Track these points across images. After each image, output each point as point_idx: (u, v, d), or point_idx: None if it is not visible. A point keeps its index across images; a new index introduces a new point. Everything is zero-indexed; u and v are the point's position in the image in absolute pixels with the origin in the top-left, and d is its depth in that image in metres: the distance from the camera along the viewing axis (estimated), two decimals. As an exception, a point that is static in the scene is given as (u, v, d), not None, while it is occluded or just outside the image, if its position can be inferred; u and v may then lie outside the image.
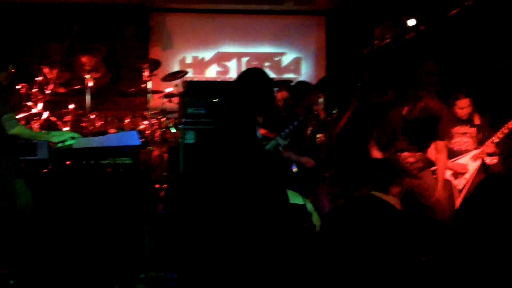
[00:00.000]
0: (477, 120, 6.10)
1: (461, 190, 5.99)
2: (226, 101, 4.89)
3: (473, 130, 6.07)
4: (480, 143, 6.03)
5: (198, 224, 4.04)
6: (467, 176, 5.98)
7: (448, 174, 5.97)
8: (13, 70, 5.55)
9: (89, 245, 5.17)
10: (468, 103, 5.97)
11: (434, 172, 5.75)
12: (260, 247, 3.75)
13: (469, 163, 6.00)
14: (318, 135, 6.39)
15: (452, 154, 6.01)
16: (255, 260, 3.72)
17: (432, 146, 5.73)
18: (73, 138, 5.46)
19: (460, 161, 6.03)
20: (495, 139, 5.92)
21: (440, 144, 5.70)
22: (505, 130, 5.90)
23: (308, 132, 6.27)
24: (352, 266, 3.80)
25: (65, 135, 5.50)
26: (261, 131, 4.93)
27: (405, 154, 5.60)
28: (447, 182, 5.93)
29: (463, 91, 6.04)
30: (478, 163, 6.00)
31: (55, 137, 5.49)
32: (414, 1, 8.18)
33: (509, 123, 5.89)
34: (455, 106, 5.98)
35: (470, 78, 7.52)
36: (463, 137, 6.07)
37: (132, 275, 5.75)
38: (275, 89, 6.45)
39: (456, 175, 6.01)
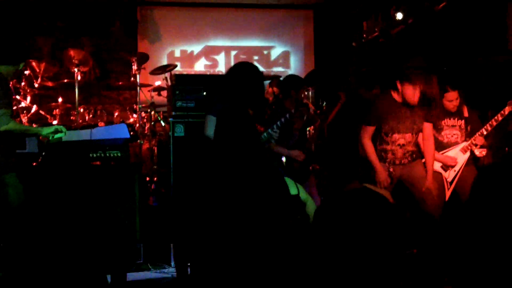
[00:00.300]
0: (465, 113, 6.13)
1: (451, 182, 6.03)
2: (219, 96, 4.92)
3: (461, 122, 6.10)
4: (469, 135, 6.07)
5: (200, 217, 4.06)
6: (456, 168, 6.03)
7: (438, 166, 6.01)
8: (23, 69, 5.57)
9: (81, 237, 5.17)
10: (456, 96, 5.99)
11: (425, 164, 5.81)
12: (262, 239, 3.79)
13: (459, 155, 6.04)
14: (308, 128, 6.42)
15: (442, 146, 6.05)
16: (256, 252, 3.75)
17: (420, 134, 5.78)
18: (60, 131, 5.46)
19: (450, 153, 6.07)
20: (484, 131, 5.97)
21: (427, 127, 5.74)
22: (493, 123, 5.95)
23: (298, 125, 6.30)
24: (346, 258, 3.84)
25: (53, 127, 5.52)
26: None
27: (396, 135, 5.65)
28: (437, 174, 5.97)
29: (451, 83, 6.06)
30: (467, 155, 6.04)
31: (43, 130, 5.51)
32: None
33: (497, 115, 5.94)
34: (443, 99, 6.01)
35: (458, 71, 7.58)
36: (452, 129, 6.10)
37: (124, 268, 5.77)
38: (266, 83, 6.51)
39: (446, 167, 6.05)
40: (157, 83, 8.66)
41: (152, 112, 8.32)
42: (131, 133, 7.72)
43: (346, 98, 6.73)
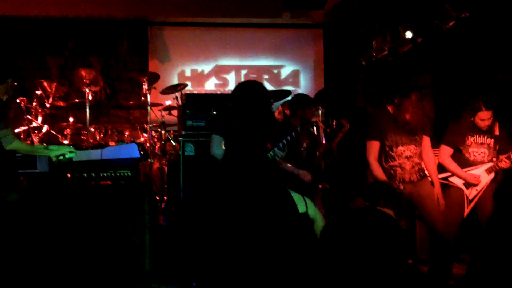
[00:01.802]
0: (497, 131, 6.02)
1: (471, 201, 5.96)
2: (224, 116, 4.95)
3: (491, 141, 6.00)
4: (497, 154, 5.98)
5: (209, 234, 4.08)
6: (478, 188, 5.94)
7: (460, 182, 5.96)
8: (15, 84, 5.58)
9: (90, 257, 5.19)
10: (490, 116, 5.88)
11: (433, 183, 5.80)
12: (271, 258, 3.79)
13: (483, 175, 5.94)
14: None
15: (467, 163, 5.97)
16: (263, 269, 3.76)
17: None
18: (70, 152, 5.47)
19: (474, 172, 6.00)
20: (511, 154, 5.88)
21: (426, 140, 5.74)
22: None
23: (305, 144, 6.31)
24: (352, 277, 3.83)
25: (62, 149, 5.51)
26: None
27: (400, 148, 5.65)
28: (458, 190, 5.94)
29: (486, 102, 5.92)
30: (491, 176, 5.95)
31: (52, 151, 5.51)
32: (410, 14, 8.24)
33: None
34: (476, 117, 5.92)
35: (493, 90, 7.53)
36: (480, 147, 5.98)
37: (134, 287, 5.77)
38: (279, 103, 6.54)
39: (468, 184, 5.97)
40: (168, 102, 8.70)
41: (163, 131, 8.36)
42: (141, 152, 7.76)
43: (350, 125, 6.73)
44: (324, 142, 6.52)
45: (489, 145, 6.00)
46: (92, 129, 8.44)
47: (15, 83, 5.62)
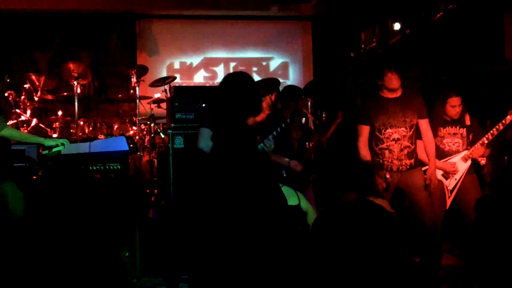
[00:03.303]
0: (467, 121, 6.10)
1: (451, 191, 6.02)
2: (211, 108, 4.95)
3: (463, 130, 6.07)
4: (470, 144, 6.06)
5: (199, 227, 4.08)
6: (457, 176, 6.01)
7: (439, 174, 6.02)
8: (8, 80, 5.56)
9: (79, 250, 5.18)
10: (460, 102, 5.96)
11: (425, 172, 5.83)
12: (260, 250, 3.80)
13: (460, 163, 6.03)
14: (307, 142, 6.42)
15: (443, 154, 6.04)
16: (255, 263, 3.76)
17: (419, 142, 5.82)
18: (63, 144, 5.47)
19: (451, 161, 6.07)
20: (485, 140, 5.97)
21: (423, 123, 5.78)
22: (494, 132, 5.92)
23: (296, 136, 6.31)
24: (344, 269, 3.84)
25: (57, 140, 5.51)
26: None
27: (389, 130, 5.70)
28: (438, 182, 5.99)
29: (454, 89, 6.04)
30: (468, 163, 6.02)
31: (47, 141, 5.51)
32: (398, 6, 8.26)
33: (499, 124, 5.90)
34: (447, 104, 5.99)
35: (461, 78, 7.60)
36: (453, 137, 6.08)
37: (124, 280, 5.77)
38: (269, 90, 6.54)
39: (447, 175, 6.04)
40: (157, 95, 8.69)
41: (152, 124, 8.34)
42: (131, 145, 7.72)
43: (343, 118, 6.75)
44: (314, 138, 6.51)
45: (462, 134, 6.08)
46: (81, 123, 8.43)
47: (9, 79, 5.61)
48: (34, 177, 6.22)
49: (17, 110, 8.11)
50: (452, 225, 6.44)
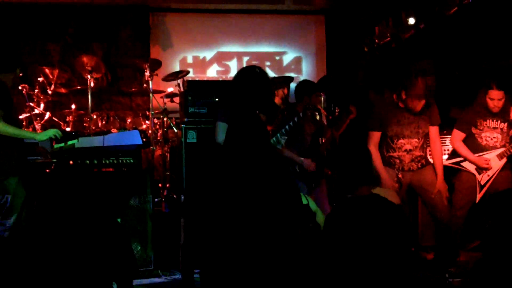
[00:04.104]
0: (510, 116, 5.96)
1: (483, 186, 5.93)
2: (227, 103, 4.95)
3: (504, 125, 5.95)
4: (510, 140, 5.93)
5: (212, 222, 4.08)
6: (490, 173, 5.91)
7: (472, 168, 5.93)
8: (20, 74, 5.56)
9: (91, 243, 5.19)
10: (501, 96, 5.80)
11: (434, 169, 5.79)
12: (274, 245, 3.80)
13: (494, 160, 5.90)
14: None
15: (479, 149, 5.93)
16: (267, 257, 3.76)
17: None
18: (55, 135, 5.38)
19: (485, 157, 5.95)
20: None
21: (433, 131, 5.74)
22: None
23: (309, 130, 6.30)
24: (355, 263, 3.84)
25: (49, 133, 5.41)
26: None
27: (401, 141, 5.66)
28: (470, 175, 5.92)
29: (497, 82, 5.84)
30: (503, 161, 5.91)
31: (39, 135, 5.46)
32: (412, 0, 8.21)
33: None
34: (486, 96, 5.87)
35: (507, 71, 7.47)
36: (493, 131, 5.92)
37: (136, 274, 5.79)
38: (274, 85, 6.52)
39: (480, 170, 5.93)
40: (170, 89, 8.68)
41: (165, 118, 8.35)
42: (144, 139, 7.74)
43: (357, 113, 6.70)
44: (327, 134, 6.49)
45: (502, 129, 5.95)
46: (94, 116, 8.44)
47: (21, 74, 5.60)
48: (47, 170, 6.23)
49: (31, 104, 8.13)
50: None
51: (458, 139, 5.97)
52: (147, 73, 8.32)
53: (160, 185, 7.96)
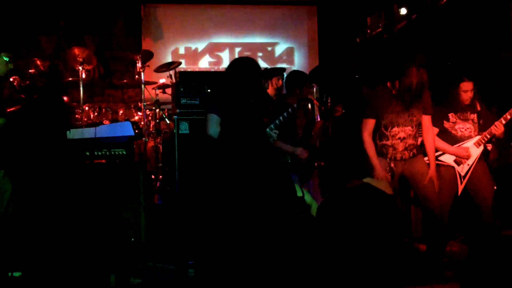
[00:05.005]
0: (478, 107, 6.05)
1: (463, 177, 5.98)
2: (218, 94, 4.94)
3: (474, 116, 6.01)
4: (481, 129, 6.01)
5: (206, 214, 4.07)
6: (470, 162, 5.97)
7: (451, 160, 5.98)
8: (11, 64, 5.51)
9: (84, 235, 5.18)
10: (472, 87, 5.91)
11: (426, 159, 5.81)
12: (268, 238, 3.80)
13: (472, 148, 5.97)
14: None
15: (456, 140, 5.98)
16: (261, 250, 3.77)
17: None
18: None
19: (464, 146, 6.02)
20: (508, 116, 5.90)
21: (426, 119, 5.76)
22: None
23: (302, 122, 6.30)
24: (347, 253, 3.86)
25: None
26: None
27: (395, 129, 5.66)
28: (449, 168, 5.96)
29: (467, 74, 5.99)
30: (481, 149, 5.97)
31: None
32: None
33: None
34: (459, 90, 5.94)
35: (473, 63, 7.54)
36: (465, 123, 5.99)
37: (129, 266, 5.78)
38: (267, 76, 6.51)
39: (459, 160, 5.99)
40: (162, 80, 8.67)
41: (157, 110, 8.34)
42: (136, 131, 7.74)
43: (342, 111, 6.71)
44: (319, 119, 6.49)
45: (473, 120, 6.04)
46: (86, 108, 8.42)
47: (12, 63, 5.55)
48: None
49: (22, 96, 8.09)
50: (459, 211, 6.42)
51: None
52: (138, 65, 8.31)
53: (153, 176, 7.95)
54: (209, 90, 6.49)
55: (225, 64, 10.34)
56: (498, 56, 7.42)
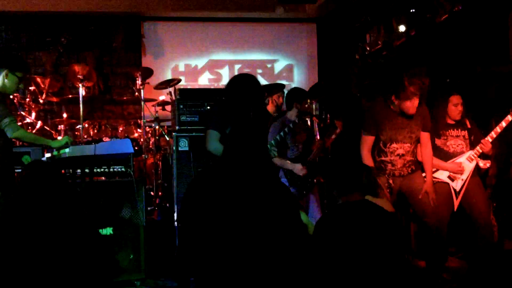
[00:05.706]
0: (468, 124, 6.14)
1: (458, 192, 6.00)
2: (218, 110, 4.94)
3: (465, 132, 6.09)
4: (472, 145, 6.06)
5: (205, 230, 4.05)
6: (463, 177, 5.99)
7: (444, 176, 6.00)
8: (21, 83, 5.54)
9: (84, 253, 5.17)
10: (461, 100, 5.99)
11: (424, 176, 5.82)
12: (270, 255, 3.79)
13: (465, 164, 6.01)
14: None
15: (448, 156, 6.03)
16: (261, 265, 3.75)
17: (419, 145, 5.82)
18: (67, 143, 5.43)
19: (457, 161, 6.05)
20: (493, 134, 5.95)
21: (425, 136, 5.78)
22: (500, 128, 5.94)
23: (301, 138, 6.30)
24: (345, 269, 3.84)
25: (63, 140, 5.50)
26: None
27: (394, 145, 5.67)
28: (444, 185, 5.97)
29: (455, 89, 6.14)
30: (473, 164, 6.01)
31: (53, 142, 5.50)
32: (403, 7, 8.25)
33: (503, 121, 5.93)
34: (449, 104, 5.99)
35: (461, 80, 7.60)
36: (457, 139, 6.06)
37: (129, 282, 5.78)
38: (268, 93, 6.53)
39: (454, 177, 6.02)
40: (162, 97, 8.68)
41: (157, 127, 8.34)
42: (136, 147, 7.75)
43: (343, 125, 6.71)
44: (318, 137, 6.50)
45: (464, 136, 6.11)
46: (86, 125, 8.42)
47: (22, 83, 5.59)
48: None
49: (22, 113, 8.12)
50: (458, 227, 6.42)
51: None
52: (138, 82, 8.32)
53: (152, 193, 7.95)
54: (208, 107, 6.51)
55: (224, 81, 10.35)
56: (496, 69, 7.46)
